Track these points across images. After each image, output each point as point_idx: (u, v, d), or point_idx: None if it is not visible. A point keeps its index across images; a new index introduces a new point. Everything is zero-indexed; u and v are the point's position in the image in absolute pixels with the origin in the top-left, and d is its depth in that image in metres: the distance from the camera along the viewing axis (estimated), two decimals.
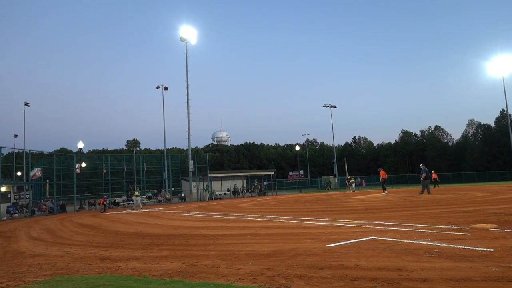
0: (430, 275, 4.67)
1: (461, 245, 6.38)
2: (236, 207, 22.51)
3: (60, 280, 5.66)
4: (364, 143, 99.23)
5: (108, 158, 37.77)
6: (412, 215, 11.89)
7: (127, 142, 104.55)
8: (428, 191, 22.06)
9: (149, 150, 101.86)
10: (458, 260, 5.35)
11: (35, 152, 43.37)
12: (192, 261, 6.51)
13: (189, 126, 39.68)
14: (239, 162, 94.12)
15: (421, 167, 22.74)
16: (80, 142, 33.99)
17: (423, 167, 22.33)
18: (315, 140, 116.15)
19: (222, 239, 9.03)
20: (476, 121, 78.11)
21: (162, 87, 43.75)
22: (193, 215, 17.68)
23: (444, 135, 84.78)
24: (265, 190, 44.24)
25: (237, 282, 4.86)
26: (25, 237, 12.56)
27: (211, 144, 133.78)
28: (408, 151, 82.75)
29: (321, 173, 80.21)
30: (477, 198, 18.21)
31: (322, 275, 4.96)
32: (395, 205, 16.79)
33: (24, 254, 8.85)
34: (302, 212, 16.11)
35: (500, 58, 48.18)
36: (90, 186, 43.98)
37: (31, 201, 28.67)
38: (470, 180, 56.36)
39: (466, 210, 12.36)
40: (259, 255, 6.67)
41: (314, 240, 7.99)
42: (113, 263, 6.86)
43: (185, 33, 41.09)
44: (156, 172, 50.10)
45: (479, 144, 71.50)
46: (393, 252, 6.18)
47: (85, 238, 11.22)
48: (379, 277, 4.69)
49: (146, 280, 5.27)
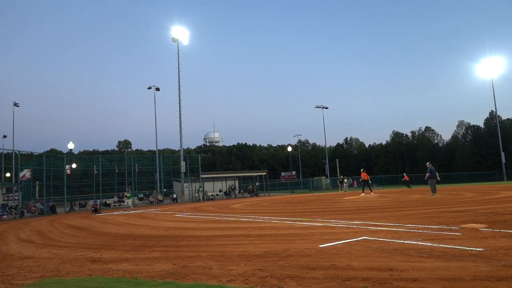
0: (420, 274, 4.71)
1: (451, 245, 6.45)
2: (228, 208, 22.48)
3: (50, 282, 5.59)
4: (355, 144, 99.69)
5: (99, 159, 37.45)
6: (403, 215, 11.99)
7: (119, 142, 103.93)
8: (434, 191, 20.96)
9: (140, 151, 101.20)
10: (448, 260, 5.40)
11: (25, 153, 42.98)
12: (184, 262, 6.49)
13: (181, 126, 39.60)
14: (231, 163, 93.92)
15: (427, 166, 21.43)
16: (70, 143, 33.66)
17: (429, 166, 21.24)
18: (307, 141, 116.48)
19: (214, 240, 9.00)
20: (465, 122, 79.05)
21: (153, 87, 43.50)
22: (185, 216, 17.62)
23: (435, 136, 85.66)
24: (257, 191, 44.23)
25: (229, 283, 4.85)
26: (14, 239, 12.39)
27: (203, 145, 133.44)
28: (399, 152, 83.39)
29: (313, 174, 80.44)
30: (467, 198, 18.41)
31: (314, 276, 4.98)
32: (386, 205, 16.91)
33: (13, 256, 8.73)
34: (294, 213, 16.14)
35: (489, 60, 48.89)
36: (80, 187, 43.64)
37: (21, 203, 28.34)
38: (459, 181, 56.96)
39: (456, 210, 12.49)
40: (251, 256, 6.66)
41: (306, 240, 8.02)
42: (104, 264, 6.80)
43: (177, 33, 41.00)
44: (148, 173, 49.81)
45: (469, 145, 72.29)
46: (384, 252, 6.23)
47: (75, 240, 11.11)
48: (371, 277, 4.72)
49: (138, 282, 5.23)
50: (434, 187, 21.23)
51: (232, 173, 54.48)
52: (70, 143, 33.65)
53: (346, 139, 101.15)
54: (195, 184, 39.36)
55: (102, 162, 37.41)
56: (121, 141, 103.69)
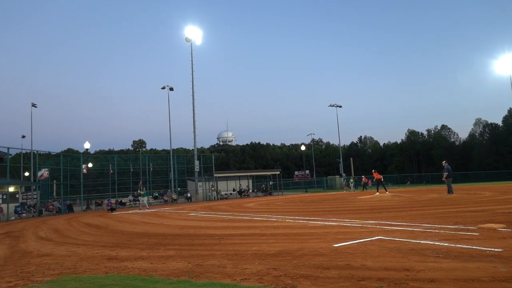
0: (437, 275, 4.63)
1: (469, 245, 6.33)
2: (242, 207, 22.53)
3: (68, 279, 5.70)
4: (370, 143, 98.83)
5: (115, 159, 37.98)
6: (419, 215, 11.83)
7: (133, 142, 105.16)
8: (451, 191, 20.63)
9: (155, 150, 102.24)
10: (465, 260, 5.31)
11: (42, 152, 43.80)
12: (198, 261, 6.53)
13: (195, 126, 39.85)
14: (244, 162, 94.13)
15: (443, 165, 21.21)
16: (86, 143, 34.23)
17: (446, 165, 20.95)
18: (321, 140, 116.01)
19: (228, 239, 9.03)
20: (483, 120, 77.62)
21: (167, 87, 43.87)
22: (199, 215, 17.72)
23: (451, 134, 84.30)
24: (271, 190, 44.21)
25: (243, 282, 4.86)
26: (33, 237, 12.66)
27: (217, 144, 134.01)
28: (415, 150, 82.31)
29: (327, 173, 79.99)
30: (485, 198, 18.05)
31: (328, 275, 4.95)
32: (401, 205, 16.70)
33: (32, 253, 8.92)
34: (308, 212, 16.09)
35: (508, 56, 47.69)
36: (96, 186, 44.27)
37: (39, 201, 28.92)
38: (477, 180, 55.88)
39: (474, 210, 12.26)
40: (265, 255, 6.66)
41: (320, 240, 7.97)
42: (120, 262, 6.89)
43: (190, 33, 41.25)
44: (162, 172, 50.28)
45: (487, 143, 70.93)
46: (400, 252, 6.15)
47: (92, 238, 11.28)
48: (386, 277, 4.66)
49: (153, 280, 5.29)
50: (451, 187, 20.89)
51: (245, 172, 54.58)
52: (86, 143, 34.23)
53: (360, 138, 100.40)
54: (208, 183, 39.56)
55: (118, 162, 37.93)
56: (136, 141, 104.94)
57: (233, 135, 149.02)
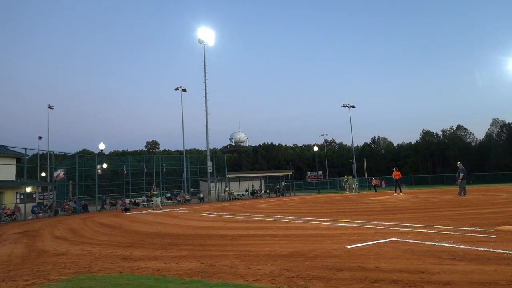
0: (452, 278, 4.56)
1: (485, 248, 6.21)
2: (254, 207, 22.53)
3: (83, 278, 5.78)
4: (383, 143, 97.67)
5: (129, 159, 38.41)
6: (434, 216, 11.65)
7: (147, 143, 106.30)
8: (464, 192, 20.26)
9: (168, 151, 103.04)
10: (482, 263, 5.21)
11: (58, 153, 44.55)
12: (211, 261, 6.55)
13: (207, 127, 39.99)
14: (257, 162, 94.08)
15: (458, 166, 20.61)
16: (101, 144, 34.76)
17: (460, 166, 20.38)
18: (334, 140, 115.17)
19: (241, 240, 9.05)
20: (500, 120, 76.00)
21: (180, 88, 44.10)
22: (211, 216, 17.79)
23: (467, 135, 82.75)
24: (283, 191, 44.11)
25: (256, 283, 4.86)
26: (49, 236, 12.88)
27: (229, 145, 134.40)
28: (430, 151, 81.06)
29: (340, 174, 79.30)
30: (502, 199, 17.68)
31: (341, 277, 4.91)
32: (416, 206, 16.48)
33: (48, 252, 9.08)
34: (320, 213, 16.00)
35: None
36: (111, 187, 44.85)
37: (55, 201, 29.41)
38: (494, 181, 54.80)
39: (491, 212, 12.03)
40: (278, 255, 6.65)
41: (333, 241, 7.92)
42: (134, 262, 6.96)
43: (202, 35, 41.42)
44: (175, 172, 50.62)
45: (504, 143, 69.47)
46: (414, 254, 6.07)
47: (106, 238, 11.43)
48: (400, 280, 4.61)
49: (166, 280, 5.33)
50: (464, 188, 20.50)
51: (258, 173, 54.54)
52: (101, 144, 34.76)
53: (374, 139, 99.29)
54: (221, 184, 39.69)
55: (131, 162, 38.35)
56: (149, 142, 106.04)
57: (246, 136, 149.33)
